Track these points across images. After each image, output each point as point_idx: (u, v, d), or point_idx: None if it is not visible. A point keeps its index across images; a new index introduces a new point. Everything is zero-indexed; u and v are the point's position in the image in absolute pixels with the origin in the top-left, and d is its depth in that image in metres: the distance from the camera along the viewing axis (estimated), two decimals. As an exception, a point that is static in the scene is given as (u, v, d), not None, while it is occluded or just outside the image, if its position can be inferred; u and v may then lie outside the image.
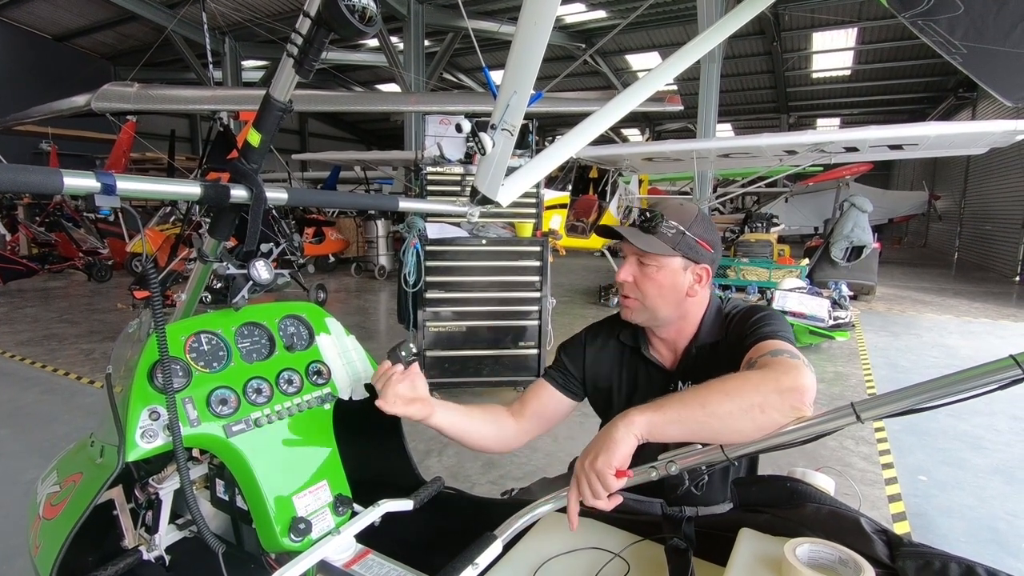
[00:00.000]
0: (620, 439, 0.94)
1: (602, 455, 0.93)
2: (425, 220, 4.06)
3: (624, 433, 0.94)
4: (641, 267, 1.29)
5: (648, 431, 0.94)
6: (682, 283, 1.29)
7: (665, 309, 1.31)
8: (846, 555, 0.80)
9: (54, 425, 3.99)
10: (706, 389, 0.97)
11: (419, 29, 13.39)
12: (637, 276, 1.30)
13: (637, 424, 0.95)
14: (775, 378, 0.95)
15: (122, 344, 1.18)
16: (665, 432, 0.95)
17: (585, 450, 0.98)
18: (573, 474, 0.99)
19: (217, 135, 6.60)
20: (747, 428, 0.91)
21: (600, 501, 0.94)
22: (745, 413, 0.91)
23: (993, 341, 6.81)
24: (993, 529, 2.86)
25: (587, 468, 0.95)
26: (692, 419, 0.93)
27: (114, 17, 16.45)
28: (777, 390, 0.92)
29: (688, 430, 0.94)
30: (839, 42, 16.02)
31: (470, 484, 3.17)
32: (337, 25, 0.86)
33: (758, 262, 8.66)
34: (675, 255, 1.27)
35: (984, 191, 15.27)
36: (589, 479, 0.94)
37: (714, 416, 0.92)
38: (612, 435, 0.95)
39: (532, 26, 1.25)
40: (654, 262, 1.27)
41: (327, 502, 1.08)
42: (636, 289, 1.30)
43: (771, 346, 1.10)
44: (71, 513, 0.98)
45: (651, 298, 1.29)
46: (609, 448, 0.93)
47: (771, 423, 0.90)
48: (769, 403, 0.91)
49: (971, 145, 6.87)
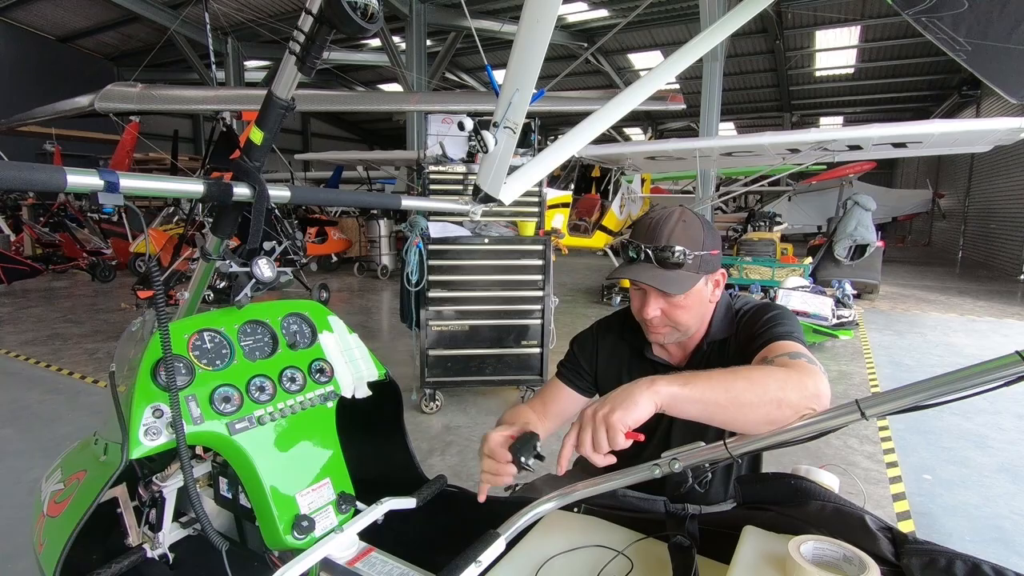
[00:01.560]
0: (641, 401, 0.90)
1: (619, 410, 0.89)
2: (428, 219, 4.07)
3: (647, 397, 0.90)
4: (667, 298, 1.26)
5: (669, 403, 0.91)
6: (706, 296, 1.31)
7: (695, 325, 1.32)
8: (851, 553, 0.80)
9: (58, 424, 4.01)
10: (731, 374, 0.95)
11: (421, 29, 13.40)
12: (665, 309, 1.27)
13: (661, 393, 0.91)
14: (799, 379, 0.95)
15: (125, 342, 1.18)
16: (683, 408, 0.92)
17: (601, 400, 0.95)
18: (577, 420, 0.95)
19: (220, 135, 6.61)
20: (759, 421, 0.91)
21: (597, 455, 0.90)
22: (764, 406, 0.91)
23: (998, 339, 6.78)
24: (998, 528, 2.85)
25: (598, 418, 0.91)
26: (714, 401, 0.91)
27: (117, 18, 16.49)
28: (800, 391, 0.93)
29: (706, 412, 0.92)
30: (842, 40, 15.96)
31: (473, 482, 3.15)
32: (339, 22, 0.86)
33: (761, 261, 8.64)
34: (698, 280, 1.25)
35: (988, 189, 15.21)
36: (595, 429, 0.90)
37: (735, 403, 0.91)
38: (634, 394, 0.91)
39: (534, 23, 1.25)
40: (681, 295, 1.25)
41: (330, 500, 1.08)
42: (666, 320, 1.28)
43: (788, 347, 1.10)
44: (75, 511, 0.98)
45: (684, 323, 1.29)
46: (627, 406, 0.90)
47: (781, 420, 0.90)
48: (788, 401, 0.91)
49: (975, 143, 6.84)
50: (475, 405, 4.44)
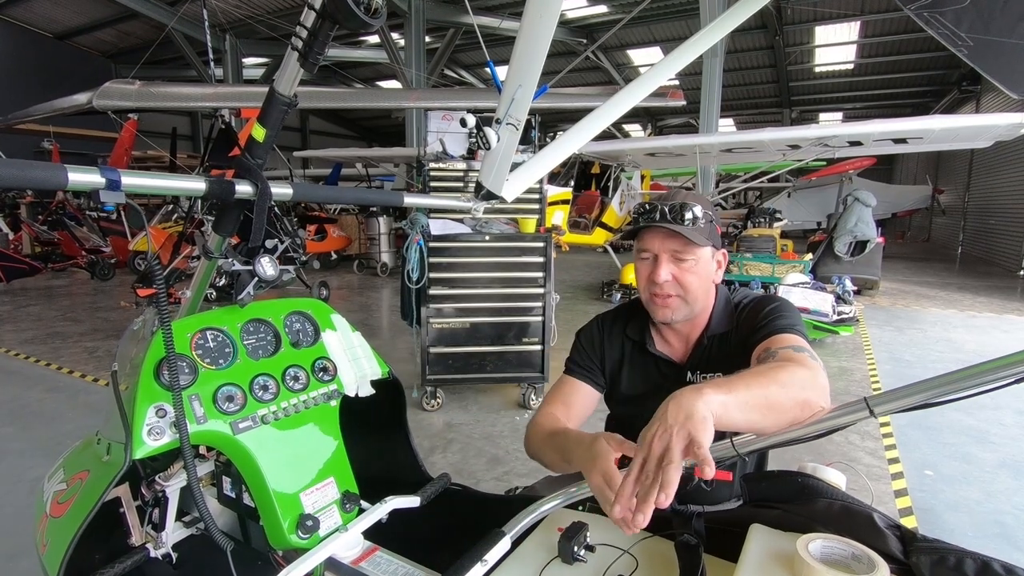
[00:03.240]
0: (707, 416, 0.78)
1: (702, 431, 0.76)
2: (428, 216, 4.06)
3: (707, 411, 0.79)
4: (678, 263, 1.26)
5: (721, 412, 0.81)
6: (712, 271, 1.31)
7: (702, 300, 1.30)
8: (859, 551, 0.79)
9: (59, 423, 4.00)
10: (762, 377, 0.91)
11: (420, 25, 13.36)
12: (676, 273, 1.26)
13: (713, 402, 0.81)
14: (812, 375, 0.94)
15: (127, 342, 1.18)
16: (732, 417, 0.83)
17: (660, 427, 0.80)
18: (642, 453, 0.81)
19: (219, 133, 6.60)
20: (786, 422, 0.88)
21: (663, 495, 0.76)
22: (794, 408, 0.88)
23: (998, 335, 6.79)
24: (1000, 523, 2.85)
25: (674, 448, 0.77)
26: (756, 406, 0.85)
27: (114, 15, 16.43)
28: (817, 390, 0.92)
29: (750, 419, 0.85)
30: (842, 36, 15.93)
31: (475, 481, 3.17)
32: (342, 17, 0.85)
33: (761, 257, 8.63)
34: (708, 245, 1.27)
35: (988, 185, 15.20)
36: (671, 455, 0.76)
37: (773, 407, 0.86)
38: (698, 410, 0.79)
39: (537, 19, 1.24)
40: (692, 255, 1.25)
41: (334, 499, 1.07)
42: (677, 286, 1.27)
43: (790, 340, 1.09)
44: (78, 511, 0.97)
45: (693, 291, 1.27)
46: (705, 425, 0.78)
47: (802, 420, 0.88)
48: (810, 402, 0.89)
49: (976, 138, 6.84)
50: (476, 402, 4.44)
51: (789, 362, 1.00)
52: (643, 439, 0.82)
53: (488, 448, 3.60)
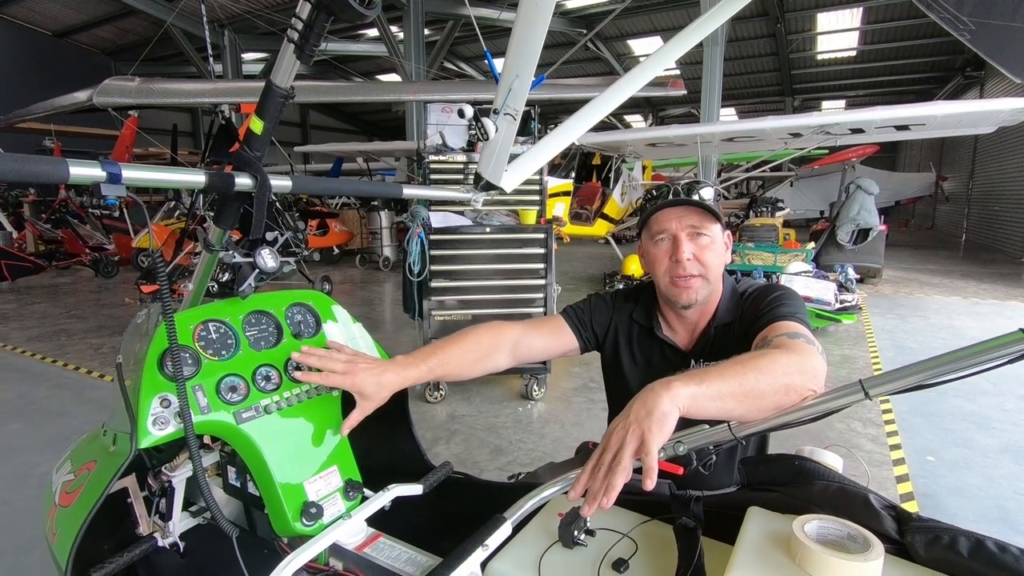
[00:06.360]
0: (669, 412, 0.82)
1: (656, 432, 0.80)
2: (429, 209, 4.06)
3: (671, 406, 0.83)
4: (696, 240, 1.27)
5: (690, 405, 0.85)
6: (723, 250, 1.33)
7: (716, 279, 1.32)
8: (855, 531, 0.80)
9: (66, 419, 4.04)
10: (739, 365, 0.92)
11: (419, 17, 13.29)
12: (695, 251, 1.27)
13: (681, 396, 0.84)
14: (800, 362, 0.95)
15: (131, 335, 1.19)
16: (704, 408, 0.86)
17: (621, 423, 0.85)
18: (601, 447, 0.87)
19: (219, 128, 6.59)
20: (769, 409, 0.89)
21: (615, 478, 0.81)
22: (774, 394, 0.89)
23: (1001, 322, 6.77)
24: (1002, 508, 2.87)
25: (628, 439, 0.81)
26: (731, 395, 0.87)
27: (113, 12, 16.41)
28: (802, 374, 0.92)
29: (724, 408, 0.87)
30: (844, 22, 15.81)
31: (478, 470, 3.19)
32: (337, 8, 0.86)
33: (764, 246, 8.61)
34: (721, 221, 1.29)
35: (992, 171, 15.12)
36: (622, 448, 0.81)
37: (750, 395, 0.88)
38: (659, 406, 0.82)
39: (533, 8, 1.24)
40: (708, 232, 1.27)
41: (337, 487, 1.08)
42: (698, 264, 1.27)
43: (788, 327, 1.10)
44: (86, 500, 0.99)
45: (714, 269, 1.29)
46: (662, 423, 0.81)
47: (789, 405, 0.89)
48: (794, 386, 0.90)
49: (979, 124, 6.80)
50: (479, 394, 4.46)
51: (776, 349, 1.01)
52: (607, 431, 0.87)
53: (491, 439, 3.62)
